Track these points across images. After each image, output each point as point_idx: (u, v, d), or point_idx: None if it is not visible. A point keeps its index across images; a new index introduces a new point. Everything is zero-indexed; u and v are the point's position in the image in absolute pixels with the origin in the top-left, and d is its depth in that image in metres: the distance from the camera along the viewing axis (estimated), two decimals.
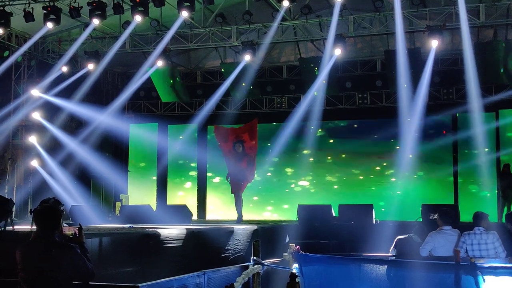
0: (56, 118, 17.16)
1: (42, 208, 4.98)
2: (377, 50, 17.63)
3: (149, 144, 19.48)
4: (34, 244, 4.83)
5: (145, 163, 19.80)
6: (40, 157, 16.89)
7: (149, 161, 19.65)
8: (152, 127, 19.47)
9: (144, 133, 19.43)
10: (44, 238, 4.79)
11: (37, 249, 4.76)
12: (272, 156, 17.15)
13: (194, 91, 19.00)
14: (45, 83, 16.88)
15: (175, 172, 19.39)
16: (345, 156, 18.08)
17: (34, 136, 17.00)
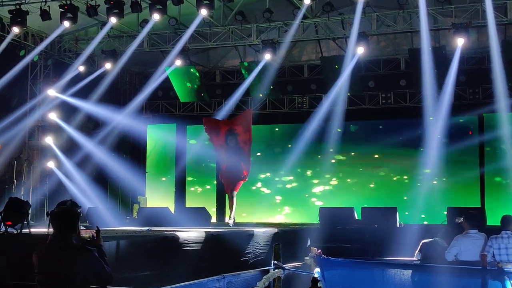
0: (73, 118, 17.26)
1: (59, 210, 4.99)
2: (401, 49, 17.52)
3: (168, 145, 19.56)
4: (51, 247, 4.84)
5: (163, 164, 19.85)
6: (56, 158, 17.02)
7: (168, 163, 19.71)
8: (171, 128, 19.53)
9: (162, 134, 19.51)
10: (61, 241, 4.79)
11: (54, 252, 4.77)
12: (293, 158, 17.08)
13: (213, 91, 19.00)
14: (61, 83, 16.99)
15: (193, 173, 19.40)
16: (367, 157, 17.98)
17: (50, 137, 17.09)
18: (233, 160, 11.65)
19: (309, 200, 18.15)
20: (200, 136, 18.73)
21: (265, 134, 19.02)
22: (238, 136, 11.67)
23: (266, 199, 18.24)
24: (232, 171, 11.67)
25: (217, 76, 19.53)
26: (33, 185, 16.68)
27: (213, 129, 12.06)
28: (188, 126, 19.30)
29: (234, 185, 11.76)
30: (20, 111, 16.45)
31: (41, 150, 17.31)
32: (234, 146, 11.67)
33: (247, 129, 11.80)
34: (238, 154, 11.62)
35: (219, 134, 11.87)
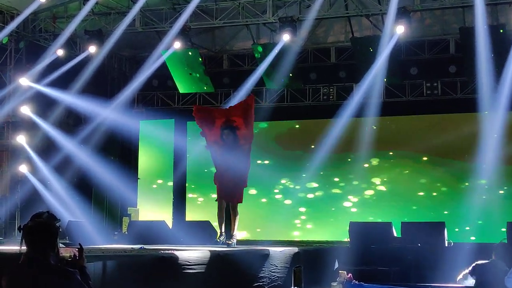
0: (50, 113, 17.35)
1: (34, 224, 4.97)
2: (451, 28, 17.48)
3: (164, 146, 19.63)
4: (24, 268, 4.82)
5: (158, 169, 19.94)
6: (30, 161, 17.06)
7: (164, 167, 19.80)
8: (168, 124, 19.61)
9: (158, 132, 19.49)
10: (36, 261, 4.80)
11: (28, 275, 4.76)
12: (317, 161, 17.15)
13: (219, 79, 19.06)
14: (36, 70, 17.04)
15: (196, 179, 19.50)
16: (407, 161, 18.08)
17: (22, 136, 17.10)
18: (231, 161, 11.12)
19: (336, 213, 18.23)
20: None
21: (283, 132, 19.18)
22: (237, 130, 11.10)
23: (284, 212, 18.34)
24: (232, 176, 11.15)
25: (225, 61, 19.63)
26: (1, 193, 16.82)
27: (206, 120, 11.44)
28: (189, 122, 19.03)
29: (235, 194, 11.31)
30: None
31: (12, 151, 17.37)
32: (231, 142, 11.08)
33: (248, 122, 11.27)
34: (236, 153, 11.10)
35: (213, 127, 11.30)
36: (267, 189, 18.82)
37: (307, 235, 18.30)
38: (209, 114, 11.54)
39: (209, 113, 11.60)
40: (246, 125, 11.18)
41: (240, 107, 11.52)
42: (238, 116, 11.23)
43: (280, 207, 18.50)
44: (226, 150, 11.13)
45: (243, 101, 11.93)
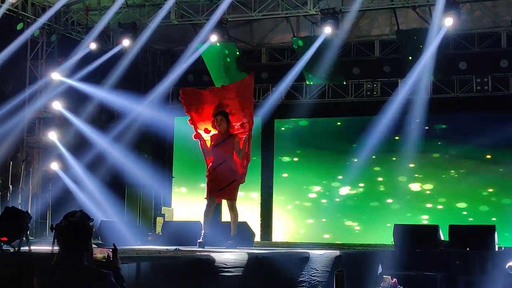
0: (82, 109, 17.46)
1: (67, 224, 4.95)
2: (502, 20, 17.33)
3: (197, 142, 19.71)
4: (57, 270, 4.84)
5: (194, 167, 19.62)
6: (61, 159, 17.23)
7: (200, 165, 19.55)
8: None
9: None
10: (69, 262, 4.81)
11: (61, 277, 4.79)
12: (360, 161, 17.19)
13: (257, 74, 18.56)
14: (68, 64, 17.18)
15: None
16: (455, 162, 18.02)
17: (54, 132, 17.27)
18: (225, 152, 10.46)
19: (380, 214, 18.16)
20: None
21: (323, 130, 19.22)
22: (231, 116, 10.44)
23: (324, 213, 18.39)
24: (227, 170, 10.49)
25: (263, 55, 19.66)
26: (32, 191, 16.89)
27: (195, 105, 10.68)
28: None
29: (231, 191, 10.68)
30: (16, 99, 16.64)
31: (43, 148, 17.52)
32: (225, 130, 10.45)
33: (246, 105, 10.50)
34: (230, 142, 10.49)
35: (203, 112, 10.65)
36: (306, 189, 18.89)
37: (348, 237, 18.23)
38: (198, 98, 10.73)
39: (199, 97, 10.75)
40: (242, 108, 10.46)
41: (236, 87, 10.72)
42: (232, 98, 10.50)
43: (319, 208, 18.55)
44: (220, 140, 10.48)
45: (240, 81, 11.16)
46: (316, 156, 18.75)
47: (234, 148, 10.49)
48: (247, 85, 10.74)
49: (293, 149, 19.29)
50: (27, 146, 17.50)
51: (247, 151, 10.58)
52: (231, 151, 10.50)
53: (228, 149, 10.48)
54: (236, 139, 10.50)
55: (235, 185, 10.71)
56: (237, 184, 10.73)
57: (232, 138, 10.46)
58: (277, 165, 19.11)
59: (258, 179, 19.04)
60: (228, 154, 10.49)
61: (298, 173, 18.87)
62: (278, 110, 18.49)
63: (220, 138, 10.48)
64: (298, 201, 18.94)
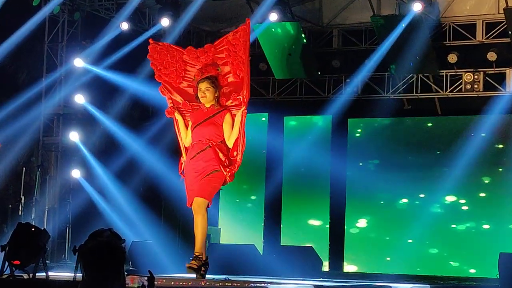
0: (111, 104, 17.59)
1: (94, 245, 5.00)
2: None
3: (254, 147, 19.17)
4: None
5: (246, 178, 19.75)
6: (85, 165, 17.25)
7: (254, 174, 19.85)
8: (259, 120, 19.75)
9: (246, 130, 19.35)
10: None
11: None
12: (458, 170, 17.04)
13: (328, 61, 18.92)
14: (94, 48, 17.25)
15: (296, 191, 19.51)
16: None
17: (76, 132, 17.23)
18: (209, 134, 9.71)
19: (481, 238, 17.94)
20: (306, 132, 19.41)
21: (411, 132, 19.11)
22: (218, 81, 9.81)
23: (411, 234, 18.21)
24: (205, 158, 9.69)
25: (335, 38, 19.35)
26: (49, 204, 16.98)
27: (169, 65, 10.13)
28: (287, 117, 19.56)
29: (205, 188, 9.69)
30: (30, 91, 16.70)
31: (62, 151, 17.58)
32: (213, 102, 9.75)
33: (241, 66, 9.76)
34: (221, 119, 9.77)
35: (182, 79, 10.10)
36: (389, 203, 18.84)
37: (441, 267, 18.02)
38: (174, 57, 10.12)
39: (175, 55, 10.14)
40: (237, 71, 9.80)
41: (228, 43, 9.88)
42: (223, 58, 9.90)
43: (406, 229, 18.30)
44: (204, 117, 9.77)
45: (232, 32, 10.09)
46: (399, 165, 18.51)
47: (223, 129, 9.71)
48: (242, 38, 9.77)
49: (371, 156, 19.18)
50: (43, 149, 17.57)
51: (240, 135, 9.78)
52: (220, 132, 9.73)
53: (215, 130, 9.70)
54: (228, 115, 9.71)
55: (215, 176, 9.68)
56: (218, 177, 9.69)
57: (222, 114, 9.70)
58: (351, 174, 18.93)
59: (326, 192, 18.96)
60: (215, 137, 9.70)
61: (377, 185, 18.68)
62: (353, 107, 18.43)
63: (205, 115, 9.73)
64: (377, 218, 18.91)
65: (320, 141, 19.03)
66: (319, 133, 19.13)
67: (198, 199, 9.62)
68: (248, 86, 9.65)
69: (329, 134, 19.06)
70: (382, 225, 18.94)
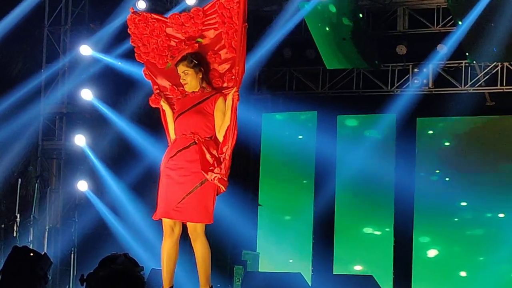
0: (125, 100, 17.61)
1: (107, 274, 5.13)
2: None
3: (301, 153, 19.61)
4: None
5: (290, 188, 19.88)
6: (93, 175, 17.34)
7: (300, 185, 19.82)
8: (307, 119, 19.82)
9: (291, 131, 19.60)
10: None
11: None
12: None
13: (391, 48, 18.65)
14: (105, 33, 17.25)
15: (352, 206, 19.47)
16: None
17: (82, 135, 17.26)
18: (194, 125, 9.07)
19: None
20: (364, 135, 19.50)
21: (496, 134, 18.76)
22: (211, 59, 9.18)
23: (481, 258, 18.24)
24: (189, 157, 9.09)
25: (400, 19, 19.10)
26: (51, 224, 17.10)
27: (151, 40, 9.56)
28: (341, 116, 19.45)
29: (187, 202, 9.02)
30: (26, 86, 16.81)
31: (66, 159, 17.73)
32: (198, 85, 9.08)
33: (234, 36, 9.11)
34: (211, 105, 9.09)
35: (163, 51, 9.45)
36: (470, 222, 18.61)
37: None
38: (154, 30, 9.49)
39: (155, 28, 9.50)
40: (233, 42, 9.10)
41: (218, 3, 9.25)
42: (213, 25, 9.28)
43: (494, 254, 17.93)
44: (189, 105, 9.14)
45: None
46: (483, 175, 18.34)
47: (215, 119, 8.98)
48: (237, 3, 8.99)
49: (445, 163, 18.99)
50: (43, 156, 17.69)
51: (231, 123, 8.93)
52: (210, 124, 9.01)
53: (203, 121, 8.99)
54: (220, 100, 8.94)
55: (205, 189, 8.97)
56: (209, 187, 8.98)
57: (212, 99, 8.97)
58: (421, 186, 18.81)
59: (390, 208, 18.83)
60: (202, 130, 8.97)
61: (454, 200, 18.62)
62: (423, 104, 18.31)
63: (191, 102, 9.07)
64: (451, 242, 18.70)
65: (381, 145, 18.98)
66: (381, 136, 19.06)
67: (193, 224, 9.08)
68: (242, 60, 8.81)
69: (393, 136, 18.95)
70: (460, 250, 18.89)
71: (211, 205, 8.99)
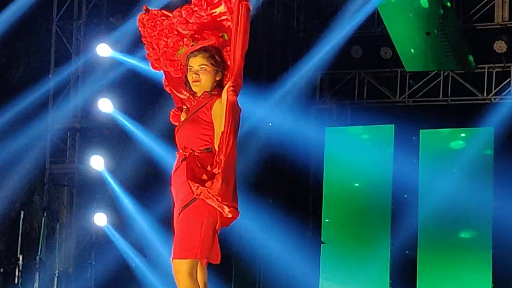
0: (154, 113, 17.79)
1: None
2: None
3: (375, 176, 19.60)
4: None
5: (360, 220, 19.81)
6: (114, 207, 17.56)
7: (373, 216, 19.71)
8: (382, 134, 19.71)
9: (363, 149, 19.52)
10: None
11: None
12: None
13: (487, 45, 18.43)
14: (128, 28, 17.34)
15: (439, 244, 19.24)
16: None
17: (100, 157, 17.46)
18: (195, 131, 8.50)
19: None
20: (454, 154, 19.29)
21: None
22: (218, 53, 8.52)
23: None
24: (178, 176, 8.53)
25: (497, 9, 18.83)
26: (61, 267, 17.14)
27: (155, 35, 9.03)
28: (424, 130, 19.28)
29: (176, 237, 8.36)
30: (30, 95, 16.98)
31: (80, 186, 17.97)
32: (211, 85, 8.48)
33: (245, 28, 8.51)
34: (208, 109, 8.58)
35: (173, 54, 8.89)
36: None
37: None
38: (163, 30, 8.92)
39: (165, 28, 8.90)
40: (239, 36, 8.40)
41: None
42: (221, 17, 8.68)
43: None
44: (189, 114, 8.65)
45: None
46: None
47: (214, 126, 8.37)
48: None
49: None
50: (51, 183, 17.89)
51: (226, 127, 8.28)
52: (207, 133, 8.40)
53: (198, 131, 8.43)
54: (218, 103, 8.37)
55: (195, 210, 8.16)
56: (197, 210, 8.16)
57: (208, 105, 8.50)
58: None
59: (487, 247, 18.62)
60: (197, 142, 8.38)
61: None
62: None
63: (194, 109, 8.56)
64: None
65: (476, 166, 18.77)
66: (476, 155, 18.84)
67: (174, 261, 7.98)
68: (239, 45, 8.17)
69: (491, 156, 18.80)
70: None
71: (199, 234, 7.98)
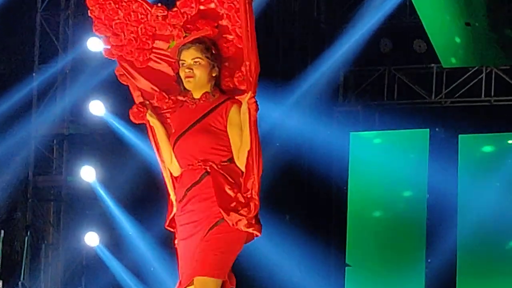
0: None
1: None
2: None
3: (408, 187, 19.78)
4: None
5: (393, 241, 19.67)
6: (108, 224, 17.66)
7: (405, 235, 19.72)
8: (415, 140, 19.79)
9: (393, 156, 19.48)
10: None
11: None
12: None
13: None
14: None
15: (481, 264, 19.39)
16: None
17: (91, 167, 17.53)
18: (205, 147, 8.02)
19: None
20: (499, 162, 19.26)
21: None
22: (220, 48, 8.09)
23: None
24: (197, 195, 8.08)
25: None
26: None
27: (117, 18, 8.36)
28: (464, 135, 19.30)
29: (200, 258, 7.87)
30: (12, 96, 17.21)
31: (69, 201, 18.07)
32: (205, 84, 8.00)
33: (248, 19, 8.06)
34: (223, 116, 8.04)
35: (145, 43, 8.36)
36: None
37: None
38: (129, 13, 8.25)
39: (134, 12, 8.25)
40: (236, 31, 8.04)
41: None
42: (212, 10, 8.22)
43: None
44: (195, 119, 8.01)
45: None
46: None
47: (230, 135, 7.86)
48: None
49: None
50: (35, 197, 17.94)
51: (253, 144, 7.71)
52: (224, 143, 7.92)
53: (214, 140, 7.94)
54: (234, 109, 7.84)
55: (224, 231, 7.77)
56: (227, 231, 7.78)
57: (221, 109, 7.94)
58: None
59: None
60: (214, 154, 7.92)
61: None
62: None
63: (191, 117, 7.95)
64: None
65: None
66: None
67: (201, 278, 7.53)
68: (253, 51, 7.60)
69: None
70: None
71: (229, 255, 7.64)
